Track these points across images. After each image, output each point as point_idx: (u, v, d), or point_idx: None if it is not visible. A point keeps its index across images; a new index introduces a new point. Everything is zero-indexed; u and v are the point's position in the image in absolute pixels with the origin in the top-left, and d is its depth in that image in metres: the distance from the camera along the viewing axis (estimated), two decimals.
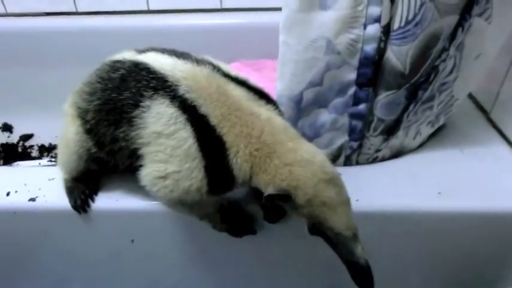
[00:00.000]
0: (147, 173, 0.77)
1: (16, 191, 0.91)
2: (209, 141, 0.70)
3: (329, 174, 0.69)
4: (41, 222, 0.92)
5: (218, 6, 1.71)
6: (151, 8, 1.71)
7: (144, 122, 0.74)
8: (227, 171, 0.71)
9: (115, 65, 0.83)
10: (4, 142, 1.76)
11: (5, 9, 1.70)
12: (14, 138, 1.80)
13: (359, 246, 0.69)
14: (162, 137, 0.73)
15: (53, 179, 0.95)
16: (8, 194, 0.91)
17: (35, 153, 1.73)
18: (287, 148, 0.68)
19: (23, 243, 0.97)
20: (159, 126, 0.73)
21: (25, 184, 0.93)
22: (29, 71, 1.76)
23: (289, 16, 0.76)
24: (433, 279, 1.01)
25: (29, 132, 1.80)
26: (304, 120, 0.89)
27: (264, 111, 0.73)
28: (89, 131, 0.84)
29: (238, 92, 0.73)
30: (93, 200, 0.89)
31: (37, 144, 1.76)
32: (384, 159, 0.98)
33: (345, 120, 0.89)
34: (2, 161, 1.68)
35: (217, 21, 1.71)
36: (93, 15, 1.71)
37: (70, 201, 0.89)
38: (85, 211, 0.89)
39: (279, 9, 1.65)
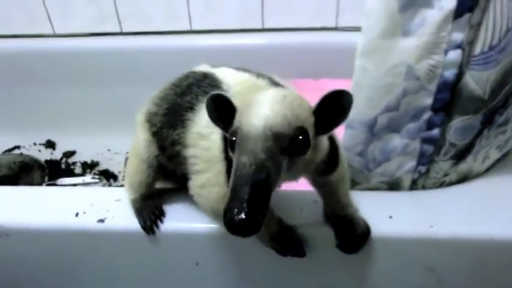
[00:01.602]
0: (191, 182, 0.79)
1: (84, 212, 0.92)
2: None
3: None
4: (109, 243, 0.92)
5: (260, 26, 1.73)
6: (194, 28, 1.75)
7: (192, 123, 0.77)
8: None
9: (188, 75, 0.87)
10: (48, 159, 1.79)
11: (53, 30, 1.75)
12: (56, 154, 1.82)
13: None
14: (200, 139, 0.76)
15: (119, 200, 0.95)
16: (76, 214, 0.92)
17: (77, 169, 1.76)
18: None
19: (90, 263, 0.97)
20: (201, 127, 0.76)
21: (92, 205, 0.94)
22: (73, 89, 1.80)
23: (370, 42, 0.77)
24: None
25: (71, 149, 1.83)
26: (375, 144, 0.88)
27: None
28: (154, 134, 0.87)
29: None
30: (162, 221, 0.89)
31: (80, 161, 1.78)
32: (450, 184, 0.97)
33: (416, 145, 0.88)
34: (47, 178, 1.71)
35: (259, 41, 1.74)
36: (137, 36, 1.74)
37: (140, 222, 0.89)
38: (153, 232, 0.89)
39: (319, 29, 1.70)
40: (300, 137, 0.59)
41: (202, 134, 0.75)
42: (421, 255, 0.89)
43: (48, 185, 1.67)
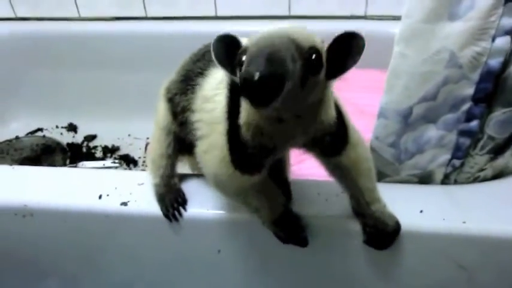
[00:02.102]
0: (197, 149, 0.77)
1: (108, 195, 0.91)
2: (235, 107, 0.68)
3: None
4: (131, 227, 0.92)
5: (286, 13, 1.69)
6: (219, 14, 1.72)
7: (200, 87, 0.76)
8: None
9: (208, 43, 0.82)
10: (70, 142, 1.80)
11: (79, 13, 1.74)
12: (78, 138, 1.83)
13: None
14: (205, 101, 0.74)
15: (142, 184, 0.94)
16: (100, 197, 0.91)
17: (98, 153, 1.76)
18: None
19: (111, 246, 0.96)
20: (208, 90, 0.74)
21: (115, 188, 0.93)
22: (97, 73, 1.80)
23: (411, 26, 0.72)
24: None
25: (92, 133, 1.83)
26: (409, 135, 0.85)
27: None
28: (169, 101, 0.86)
29: None
30: (185, 209, 0.88)
31: (100, 145, 1.79)
32: (485, 179, 0.92)
33: (452, 137, 0.84)
34: (68, 161, 1.72)
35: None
36: (162, 21, 1.72)
37: (162, 209, 0.87)
38: (176, 220, 0.87)
39: (347, 17, 1.65)
40: (314, 55, 0.56)
41: (207, 97, 0.74)
42: (452, 252, 0.85)
43: (69, 168, 1.68)
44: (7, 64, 1.79)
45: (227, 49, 0.61)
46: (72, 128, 1.86)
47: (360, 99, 1.58)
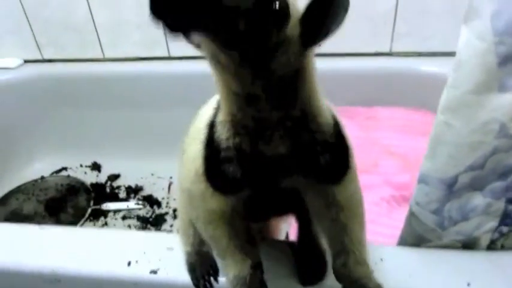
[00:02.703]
0: (177, 164, 0.71)
1: (137, 261, 0.88)
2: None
3: None
4: None
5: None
6: None
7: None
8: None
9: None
10: (94, 182, 1.80)
11: (103, 54, 1.76)
12: (102, 177, 1.83)
13: None
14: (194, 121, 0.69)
15: (172, 248, 0.91)
16: (129, 263, 0.88)
17: (122, 194, 1.75)
18: None
19: None
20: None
21: (144, 253, 0.90)
22: (120, 112, 1.81)
23: (458, 97, 0.69)
24: None
25: (116, 172, 1.83)
26: (453, 202, 0.80)
27: None
28: None
29: None
30: (217, 280, 0.84)
31: (124, 185, 1.78)
32: None
33: (500, 205, 0.78)
34: (92, 202, 1.71)
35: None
36: (185, 60, 1.73)
37: (192, 280, 0.84)
38: None
39: (372, 54, 1.61)
40: (278, 2, 0.44)
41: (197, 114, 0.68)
42: None
43: (93, 209, 1.68)
44: (33, 104, 1.82)
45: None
46: (96, 167, 1.87)
47: (388, 140, 1.53)
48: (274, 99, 0.53)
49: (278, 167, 0.60)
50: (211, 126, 0.61)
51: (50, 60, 1.81)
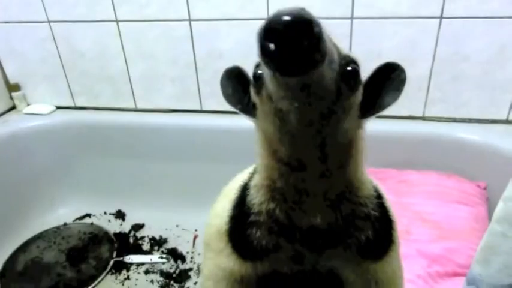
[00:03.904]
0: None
1: None
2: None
3: None
4: None
5: None
6: None
7: None
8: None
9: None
10: (117, 231, 1.78)
11: (135, 104, 1.78)
12: (125, 226, 1.81)
13: None
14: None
15: None
16: None
17: (145, 245, 1.72)
18: None
19: None
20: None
21: None
22: (149, 162, 1.81)
23: None
24: None
25: (140, 221, 1.81)
26: None
27: None
28: None
29: None
30: None
31: (148, 236, 1.75)
32: None
33: None
34: (115, 253, 1.68)
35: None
36: (216, 114, 1.74)
37: None
38: None
39: (405, 117, 1.61)
40: (352, 65, 0.45)
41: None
42: None
43: (115, 261, 1.64)
44: (62, 150, 1.83)
45: (237, 84, 0.53)
46: (120, 215, 1.85)
47: (421, 206, 1.51)
48: (323, 169, 0.51)
49: (312, 241, 0.56)
50: (244, 188, 0.59)
51: (82, 108, 1.84)
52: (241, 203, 0.58)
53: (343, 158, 0.52)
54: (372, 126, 1.83)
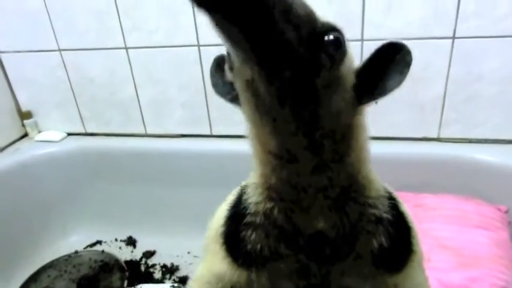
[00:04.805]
0: None
1: None
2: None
3: None
4: None
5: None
6: None
7: None
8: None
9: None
10: (128, 259, 1.75)
11: (145, 130, 1.77)
12: (137, 253, 1.79)
13: None
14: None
15: None
16: None
17: (157, 273, 1.70)
18: None
19: None
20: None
21: None
22: (160, 188, 1.79)
23: None
24: None
25: (151, 248, 1.79)
26: None
27: None
28: None
29: None
30: None
31: (159, 264, 1.73)
32: None
33: None
34: (126, 282, 1.65)
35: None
36: (226, 139, 1.72)
37: None
38: None
39: (420, 139, 1.57)
40: (333, 34, 0.39)
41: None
42: None
43: None
44: (73, 177, 1.83)
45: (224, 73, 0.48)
46: (131, 242, 1.83)
47: (439, 231, 1.46)
48: (317, 161, 0.45)
49: (318, 250, 0.50)
50: (243, 187, 0.55)
51: (92, 134, 1.84)
52: (238, 203, 0.54)
53: (340, 149, 0.46)
54: (386, 148, 1.79)
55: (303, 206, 0.48)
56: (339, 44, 0.40)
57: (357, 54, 1.43)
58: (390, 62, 0.45)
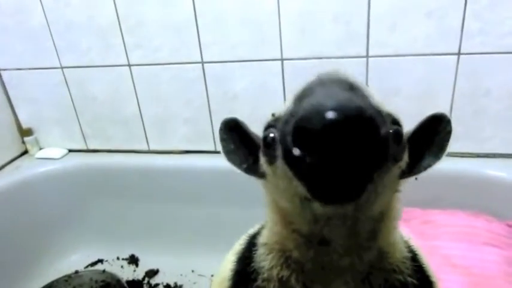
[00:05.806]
0: None
1: None
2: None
3: None
4: None
5: None
6: None
7: None
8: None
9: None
10: (130, 279, 1.72)
11: (148, 146, 1.75)
12: (139, 272, 1.75)
13: None
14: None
15: None
16: None
17: None
18: None
19: None
20: None
21: None
22: (162, 205, 1.77)
23: None
24: None
25: (154, 267, 1.75)
26: None
27: None
28: None
29: None
30: None
31: (162, 283, 1.69)
32: None
33: None
34: None
35: None
36: None
37: None
38: None
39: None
40: (398, 128, 0.37)
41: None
42: None
43: None
44: (74, 194, 1.80)
45: (238, 138, 0.46)
46: (133, 260, 1.79)
47: (449, 249, 1.43)
48: (353, 243, 0.43)
49: None
50: (251, 242, 0.52)
51: (94, 151, 1.81)
52: (247, 260, 0.51)
53: (376, 227, 0.45)
54: None
55: (325, 281, 0.46)
56: (400, 139, 0.38)
57: (363, 72, 1.44)
58: (434, 135, 0.45)
